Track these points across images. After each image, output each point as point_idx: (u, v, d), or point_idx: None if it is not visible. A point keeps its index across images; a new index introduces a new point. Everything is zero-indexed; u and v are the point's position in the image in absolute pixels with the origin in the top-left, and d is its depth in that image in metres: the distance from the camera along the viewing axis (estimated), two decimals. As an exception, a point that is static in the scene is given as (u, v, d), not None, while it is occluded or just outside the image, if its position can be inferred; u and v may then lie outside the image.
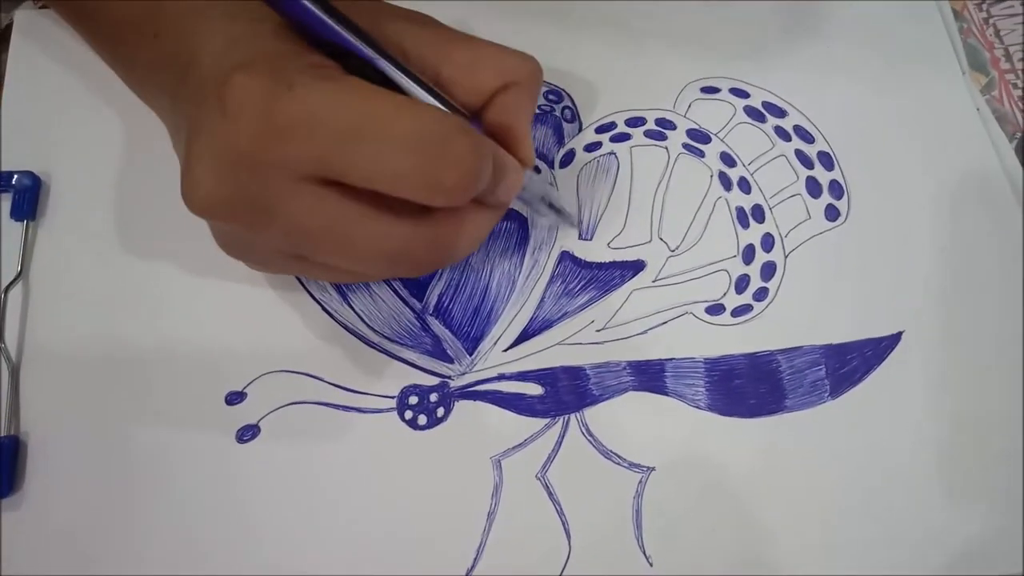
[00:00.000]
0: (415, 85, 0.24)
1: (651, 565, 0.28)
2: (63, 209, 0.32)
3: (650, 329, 0.31)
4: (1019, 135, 0.36)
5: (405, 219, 0.24)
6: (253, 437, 0.29)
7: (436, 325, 0.31)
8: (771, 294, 0.32)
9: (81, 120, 0.33)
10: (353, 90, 0.22)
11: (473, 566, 0.28)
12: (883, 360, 0.31)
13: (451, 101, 0.25)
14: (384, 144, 0.22)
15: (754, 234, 0.33)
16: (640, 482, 0.29)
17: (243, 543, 0.28)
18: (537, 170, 0.33)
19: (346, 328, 0.30)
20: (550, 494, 0.29)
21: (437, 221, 0.25)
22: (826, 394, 0.30)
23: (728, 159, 0.34)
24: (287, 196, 0.22)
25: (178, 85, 0.25)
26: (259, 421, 0.29)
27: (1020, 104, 0.36)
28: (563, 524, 0.28)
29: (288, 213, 0.23)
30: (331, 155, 0.22)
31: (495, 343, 0.31)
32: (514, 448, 0.29)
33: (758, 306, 0.32)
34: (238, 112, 0.22)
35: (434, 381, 0.30)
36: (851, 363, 0.31)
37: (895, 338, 0.31)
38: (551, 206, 0.30)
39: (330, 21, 0.23)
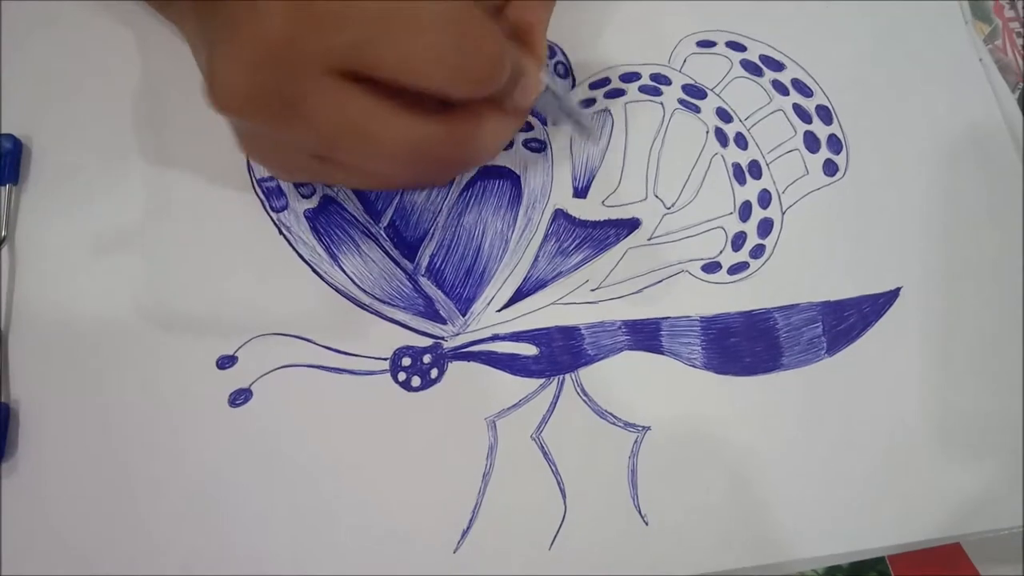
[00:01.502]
0: None
1: (646, 524, 0.28)
2: (47, 173, 0.31)
3: (645, 288, 0.31)
4: (1022, 85, 0.35)
5: (430, 117, 0.24)
6: (246, 401, 0.29)
7: (428, 286, 0.30)
8: (768, 251, 0.32)
9: (63, 82, 0.32)
10: None
11: (468, 527, 0.27)
12: (881, 316, 0.31)
13: None
14: (414, 32, 0.22)
15: (751, 190, 0.32)
16: (635, 442, 0.29)
17: (237, 506, 0.27)
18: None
19: (337, 290, 0.30)
20: (545, 454, 0.29)
21: (459, 120, 0.25)
22: (823, 351, 0.30)
23: (724, 114, 0.34)
24: (313, 90, 0.23)
25: None
26: (251, 385, 0.29)
27: (1023, 53, 0.36)
28: (558, 484, 0.28)
29: (314, 108, 0.23)
30: (360, 45, 0.22)
31: (488, 303, 0.30)
32: (509, 409, 0.29)
33: (755, 263, 0.31)
34: (270, 5, 0.21)
35: (427, 342, 0.30)
36: (848, 320, 0.31)
37: (893, 294, 0.31)
38: (569, 115, 0.29)
39: None
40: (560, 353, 0.30)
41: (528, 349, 0.30)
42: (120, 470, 0.28)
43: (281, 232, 0.31)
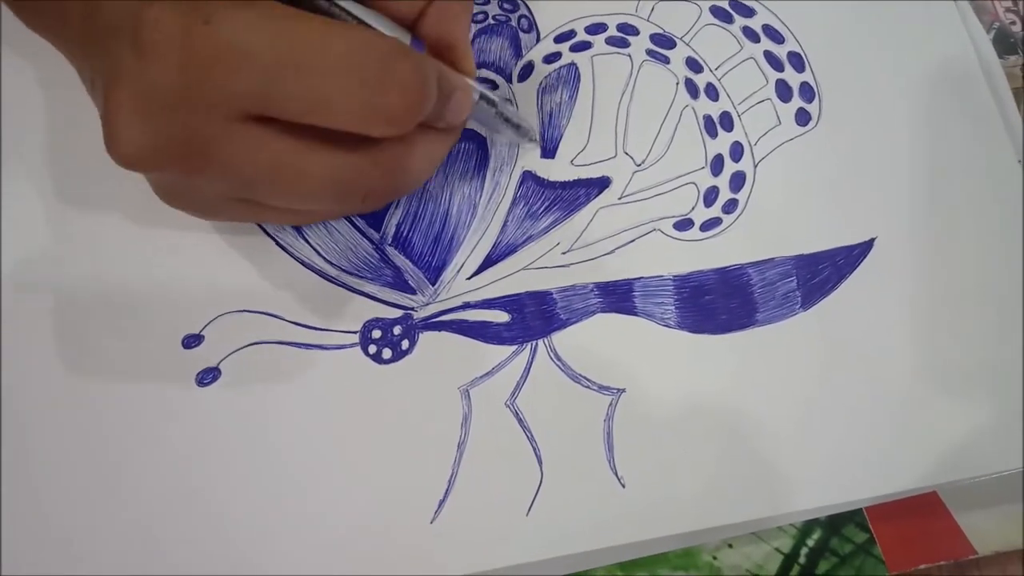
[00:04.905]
0: (343, 4, 0.22)
1: (623, 486, 0.28)
2: (4, 157, 0.30)
3: (617, 248, 0.30)
4: (997, 25, 0.34)
5: (352, 150, 0.23)
6: (214, 380, 0.28)
7: (396, 256, 0.30)
8: (741, 206, 0.31)
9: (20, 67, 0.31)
10: (277, 17, 0.21)
11: (445, 496, 0.27)
12: (855, 267, 0.31)
13: (384, 18, 0.23)
14: (318, 74, 0.21)
15: (722, 143, 0.32)
16: (610, 404, 0.29)
17: (210, 485, 0.27)
18: (494, 85, 0.32)
19: (303, 263, 0.29)
20: (520, 421, 0.28)
21: (386, 149, 0.24)
22: (797, 306, 0.30)
23: (694, 64, 0.33)
24: (222, 138, 0.21)
25: (85, 25, 0.23)
26: (219, 363, 0.28)
27: (999, -9, 0.35)
28: (534, 450, 0.28)
29: (226, 156, 0.22)
30: (262, 91, 0.21)
31: (458, 271, 0.30)
32: (482, 377, 0.29)
33: (727, 219, 0.31)
34: (154, 52, 0.20)
35: (397, 313, 0.29)
36: (822, 273, 0.30)
37: (867, 245, 0.31)
38: (507, 121, 0.29)
39: None
40: (532, 318, 0.29)
41: (500, 316, 0.29)
42: (89, 455, 0.27)
43: (242, 205, 0.30)
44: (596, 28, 0.33)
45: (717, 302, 0.30)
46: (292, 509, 0.27)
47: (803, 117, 0.32)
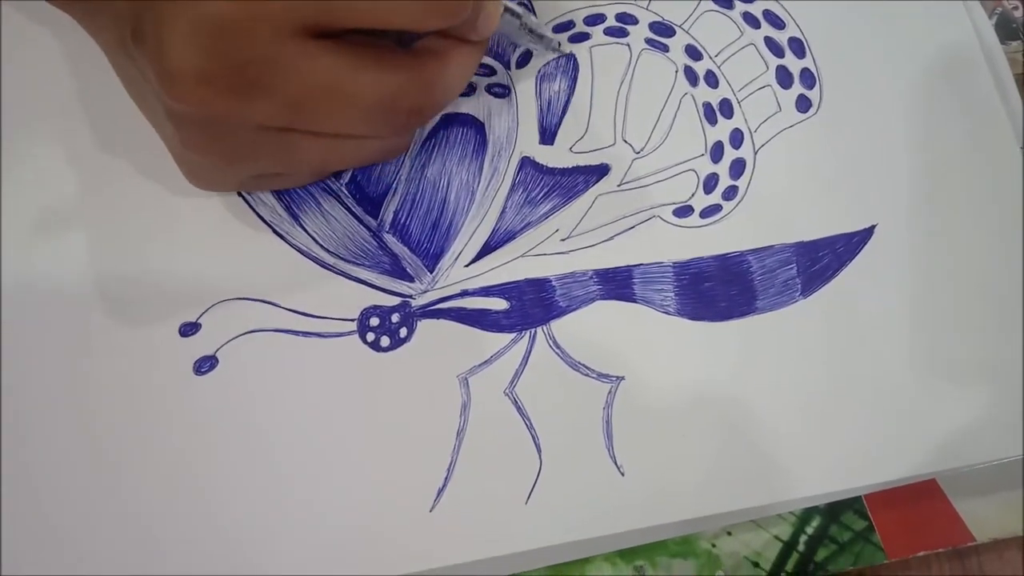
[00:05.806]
0: None
1: (622, 475, 0.28)
2: (3, 153, 0.30)
3: (616, 235, 0.30)
4: (999, 10, 0.34)
5: (396, 67, 0.24)
6: (211, 368, 0.28)
7: (393, 243, 0.30)
8: (741, 192, 0.31)
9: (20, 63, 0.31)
10: None
11: (444, 485, 0.27)
12: (855, 255, 0.30)
13: None
14: None
15: (722, 130, 0.32)
16: (610, 392, 0.28)
17: (208, 474, 0.27)
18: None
19: (299, 251, 0.29)
20: (519, 409, 0.28)
21: (425, 64, 0.25)
22: (797, 293, 0.30)
23: (694, 52, 0.32)
24: (277, 56, 0.22)
25: None
26: (216, 352, 0.28)
27: (1000, -23, 0.35)
28: (533, 438, 0.28)
29: (280, 74, 0.22)
30: None
31: (456, 258, 0.30)
32: (481, 365, 0.29)
33: (727, 206, 0.31)
34: None
35: (395, 301, 0.29)
36: (822, 260, 0.30)
37: (867, 232, 0.31)
38: (532, 32, 0.29)
39: None
40: (531, 306, 0.29)
41: (498, 304, 0.29)
42: (86, 446, 0.27)
43: (239, 192, 0.30)
44: (595, 19, 0.33)
45: (717, 289, 0.30)
46: (290, 498, 0.27)
47: (804, 103, 0.32)
